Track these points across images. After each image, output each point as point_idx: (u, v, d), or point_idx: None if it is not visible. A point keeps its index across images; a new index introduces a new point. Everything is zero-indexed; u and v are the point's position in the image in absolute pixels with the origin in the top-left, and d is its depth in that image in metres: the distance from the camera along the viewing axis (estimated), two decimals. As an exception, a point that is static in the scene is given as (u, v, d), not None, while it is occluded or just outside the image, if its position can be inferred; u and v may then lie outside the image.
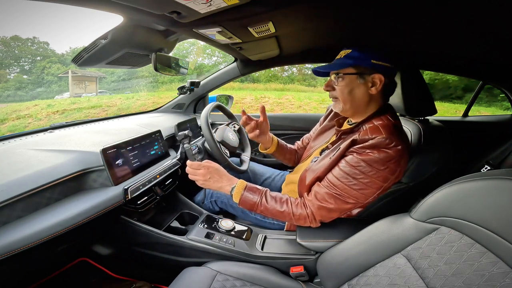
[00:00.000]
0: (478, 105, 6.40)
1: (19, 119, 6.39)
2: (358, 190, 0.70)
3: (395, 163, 0.68)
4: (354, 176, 0.69)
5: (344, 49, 0.77)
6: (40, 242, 0.58)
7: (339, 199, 0.71)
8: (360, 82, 0.74)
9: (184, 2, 0.52)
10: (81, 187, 0.76)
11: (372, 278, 0.61)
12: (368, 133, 0.70)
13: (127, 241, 0.94)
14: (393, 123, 0.72)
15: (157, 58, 0.96)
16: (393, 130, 0.69)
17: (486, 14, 0.56)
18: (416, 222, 0.57)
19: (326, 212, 0.74)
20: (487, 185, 0.47)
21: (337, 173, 0.72)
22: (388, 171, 0.68)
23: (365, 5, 0.63)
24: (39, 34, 46.05)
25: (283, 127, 1.67)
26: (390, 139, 0.67)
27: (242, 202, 0.78)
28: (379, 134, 0.68)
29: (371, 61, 0.72)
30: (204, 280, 0.69)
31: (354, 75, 0.74)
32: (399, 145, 0.67)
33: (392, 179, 0.71)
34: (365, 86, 0.75)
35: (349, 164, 0.70)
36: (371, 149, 0.68)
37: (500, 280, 0.41)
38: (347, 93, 0.76)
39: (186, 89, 1.62)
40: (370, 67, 0.73)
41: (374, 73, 0.73)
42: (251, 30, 0.79)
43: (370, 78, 0.74)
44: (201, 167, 0.80)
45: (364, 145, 0.69)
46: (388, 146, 0.67)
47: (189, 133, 0.87)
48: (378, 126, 0.71)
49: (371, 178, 0.69)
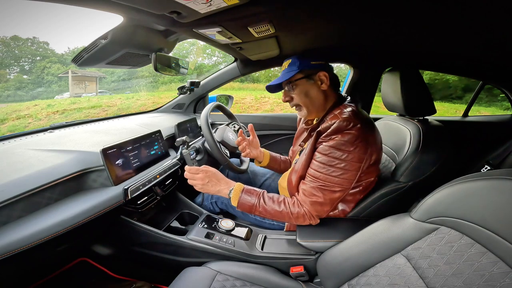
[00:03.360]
0: (478, 105, 6.40)
1: (19, 119, 6.38)
2: (338, 176, 0.73)
3: (362, 141, 0.72)
4: (330, 164, 0.73)
5: (285, 60, 0.85)
6: (40, 242, 0.58)
7: (325, 190, 0.74)
8: (311, 83, 0.82)
9: (184, 2, 0.52)
10: (81, 187, 0.76)
11: (372, 278, 0.61)
12: (328, 121, 0.76)
13: (127, 241, 0.94)
14: (349, 110, 0.77)
15: (157, 58, 0.96)
16: (349, 114, 0.74)
17: (486, 14, 0.56)
18: (416, 222, 0.57)
19: (318, 206, 0.75)
20: (487, 185, 0.47)
21: (315, 166, 0.76)
22: (359, 150, 0.72)
23: (365, 5, 0.63)
24: (39, 34, 46.12)
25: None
26: (347, 121, 0.72)
27: (240, 204, 0.79)
28: (336, 119, 0.73)
29: (310, 62, 0.81)
30: (204, 280, 0.69)
31: (303, 79, 0.82)
32: (357, 124, 0.72)
33: (366, 158, 0.74)
34: (316, 85, 0.82)
35: (321, 153, 0.74)
36: (334, 134, 0.72)
37: (500, 280, 0.41)
38: (304, 96, 0.83)
39: (186, 89, 1.62)
40: (312, 68, 0.81)
41: (318, 71, 0.81)
42: (251, 30, 0.79)
43: (317, 77, 0.82)
44: (199, 172, 0.81)
45: (327, 133, 0.74)
46: (348, 127, 0.71)
47: (186, 138, 0.87)
48: (335, 114, 0.76)
49: (345, 161, 0.72)
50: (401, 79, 0.93)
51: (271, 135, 1.74)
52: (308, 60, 0.81)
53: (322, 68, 0.82)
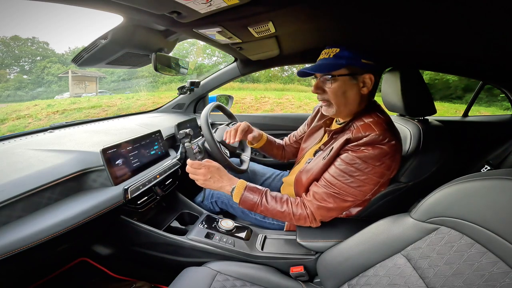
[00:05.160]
0: (478, 105, 6.40)
1: (19, 119, 6.38)
2: (355, 188, 0.70)
3: (390, 158, 0.69)
4: (351, 174, 0.70)
5: (329, 48, 0.74)
6: (40, 242, 0.58)
7: (337, 198, 0.72)
8: (353, 83, 0.73)
9: (184, 2, 0.52)
10: (81, 187, 0.76)
11: (372, 278, 0.61)
12: (361, 131, 0.70)
13: (127, 241, 0.94)
14: (383, 120, 0.72)
15: (157, 58, 0.96)
16: (385, 127, 0.70)
17: (486, 14, 0.56)
18: (416, 222, 0.57)
19: (325, 211, 0.74)
20: (487, 185, 0.47)
21: (333, 172, 0.72)
22: (384, 167, 0.69)
23: (365, 5, 0.63)
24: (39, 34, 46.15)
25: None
26: (383, 135, 0.67)
27: (242, 202, 0.78)
28: (372, 131, 0.68)
29: (361, 60, 0.71)
30: (204, 280, 0.69)
31: (347, 76, 0.72)
32: (392, 140, 0.68)
33: (387, 174, 0.72)
34: (357, 86, 0.74)
35: (345, 162, 0.71)
36: (365, 146, 0.68)
37: (500, 280, 0.41)
38: (341, 95, 0.74)
39: (186, 89, 1.62)
40: (360, 67, 0.72)
41: (365, 73, 0.73)
42: (251, 30, 0.79)
43: (361, 78, 0.73)
44: (201, 167, 0.80)
45: (358, 143, 0.69)
46: (382, 142, 0.67)
47: (190, 131, 0.86)
48: (370, 124, 0.71)
49: (368, 175, 0.69)
50: (401, 79, 0.92)
51: (271, 135, 1.73)
52: (360, 57, 0.71)
53: (370, 70, 0.73)
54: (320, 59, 0.76)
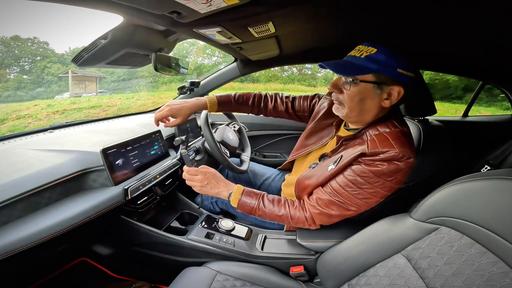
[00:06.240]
0: (478, 105, 6.39)
1: (19, 119, 6.38)
2: (361, 199, 0.67)
3: (403, 174, 0.64)
4: (359, 186, 0.66)
5: (365, 45, 0.65)
6: (40, 242, 0.58)
7: (341, 207, 0.69)
8: (376, 92, 0.65)
9: (184, 2, 0.52)
10: (81, 187, 0.76)
11: (372, 278, 0.61)
12: (378, 145, 0.63)
13: (127, 241, 0.94)
14: (401, 131, 0.65)
15: (157, 58, 0.95)
16: (404, 141, 0.63)
17: (486, 14, 0.56)
18: (416, 222, 0.57)
19: (326, 217, 0.72)
20: (487, 185, 0.47)
21: (341, 181, 0.68)
22: (395, 182, 0.65)
23: (365, 5, 0.63)
24: (39, 34, 46.16)
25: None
26: (403, 153, 0.61)
27: (240, 207, 0.77)
28: (391, 148, 0.62)
29: (397, 70, 0.61)
30: (204, 280, 0.69)
31: (371, 84, 0.64)
32: (411, 158, 0.62)
33: (395, 188, 0.68)
34: (379, 97, 0.65)
35: (356, 173, 0.66)
36: (381, 161, 0.63)
37: (500, 280, 0.41)
38: (357, 101, 0.67)
39: (186, 89, 1.62)
40: (392, 78, 0.62)
41: (395, 85, 0.63)
42: (251, 30, 0.79)
43: (388, 89, 0.64)
44: (198, 173, 0.79)
45: (374, 158, 0.64)
46: (401, 159, 0.62)
47: (185, 138, 0.86)
48: (387, 137, 0.64)
49: (377, 189, 0.65)
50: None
51: (271, 135, 1.74)
52: (396, 66, 0.61)
53: (402, 82, 0.63)
54: (349, 55, 0.68)
